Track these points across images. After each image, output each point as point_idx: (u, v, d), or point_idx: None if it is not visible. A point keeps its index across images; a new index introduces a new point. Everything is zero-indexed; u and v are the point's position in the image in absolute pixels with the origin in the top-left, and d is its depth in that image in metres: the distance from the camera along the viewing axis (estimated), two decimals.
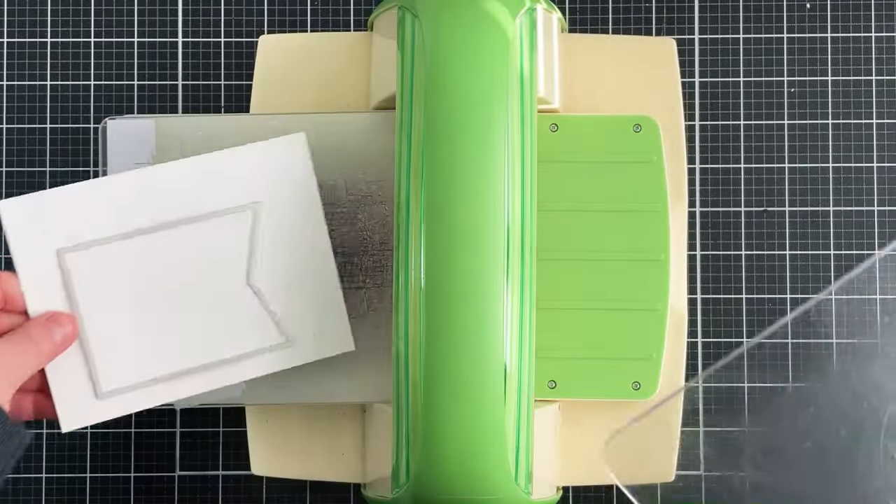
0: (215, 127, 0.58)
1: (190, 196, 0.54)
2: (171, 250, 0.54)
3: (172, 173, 0.54)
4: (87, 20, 0.67)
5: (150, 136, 0.57)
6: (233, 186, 0.55)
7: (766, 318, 0.65)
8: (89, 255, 0.53)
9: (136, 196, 0.54)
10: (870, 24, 0.66)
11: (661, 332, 0.58)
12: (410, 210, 0.53)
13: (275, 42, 0.62)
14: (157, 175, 0.54)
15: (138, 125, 0.57)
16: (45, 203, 0.53)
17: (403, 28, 0.55)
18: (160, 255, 0.54)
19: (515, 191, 0.53)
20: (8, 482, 0.65)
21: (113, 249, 0.54)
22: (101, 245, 0.54)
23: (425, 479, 0.52)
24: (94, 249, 0.54)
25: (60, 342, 0.52)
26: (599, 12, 0.67)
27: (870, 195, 0.65)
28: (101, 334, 0.54)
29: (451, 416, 0.52)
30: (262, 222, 0.55)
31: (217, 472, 0.65)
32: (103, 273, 0.54)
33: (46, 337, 0.52)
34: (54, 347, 0.52)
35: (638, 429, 0.60)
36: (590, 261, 0.59)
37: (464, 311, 0.52)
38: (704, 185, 0.66)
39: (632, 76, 0.61)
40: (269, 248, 0.55)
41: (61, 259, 0.53)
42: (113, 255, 0.54)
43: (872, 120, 0.66)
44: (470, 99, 0.53)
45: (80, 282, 0.53)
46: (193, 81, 0.67)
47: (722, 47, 0.66)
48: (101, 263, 0.54)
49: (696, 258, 0.65)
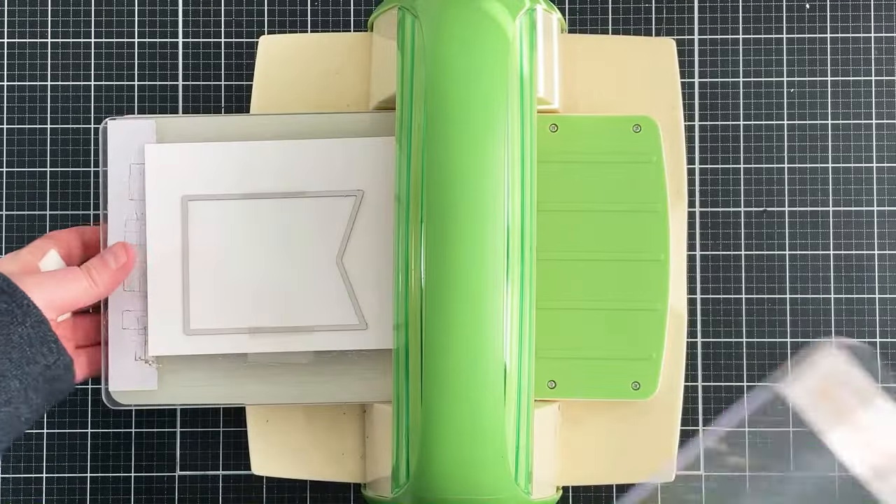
0: (216, 127, 0.59)
1: (305, 173, 0.58)
2: (278, 217, 0.58)
3: (295, 150, 0.59)
4: (87, 20, 0.67)
5: (150, 137, 0.59)
6: (343, 172, 0.59)
7: (765, 317, 0.65)
8: (209, 206, 0.58)
9: (261, 163, 0.58)
10: (869, 24, 0.66)
11: (661, 332, 0.58)
12: (410, 210, 0.53)
13: (275, 42, 0.62)
14: (282, 148, 0.59)
15: (139, 125, 0.59)
16: (183, 153, 0.59)
17: (403, 28, 0.55)
18: (268, 219, 0.58)
19: (515, 191, 0.53)
20: (8, 482, 0.65)
21: (230, 206, 0.58)
22: (220, 200, 0.58)
23: (425, 479, 0.52)
24: (214, 202, 0.58)
25: (116, 271, 0.57)
26: (599, 12, 0.67)
27: (869, 195, 0.65)
28: (201, 279, 0.58)
29: (451, 416, 0.52)
30: (362, 211, 0.58)
31: (217, 472, 0.65)
32: (216, 225, 0.58)
33: (103, 266, 0.56)
34: (112, 276, 0.57)
35: (638, 429, 0.60)
36: (590, 261, 0.59)
37: (464, 310, 0.52)
38: (704, 185, 0.66)
39: (632, 76, 0.61)
40: (363, 236, 0.58)
41: (184, 205, 0.58)
42: (228, 211, 0.58)
43: (872, 120, 0.66)
44: (470, 99, 0.53)
45: (195, 228, 0.58)
46: (193, 81, 0.67)
47: (722, 47, 0.66)
48: (216, 216, 0.58)
49: (695, 258, 0.65)
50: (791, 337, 0.65)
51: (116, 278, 0.57)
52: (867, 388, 0.60)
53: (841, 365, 0.60)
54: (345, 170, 0.58)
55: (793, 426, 0.65)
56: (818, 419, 0.60)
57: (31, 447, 0.65)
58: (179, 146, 0.59)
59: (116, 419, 0.65)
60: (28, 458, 0.65)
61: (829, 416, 0.60)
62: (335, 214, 0.58)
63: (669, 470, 0.60)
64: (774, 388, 0.63)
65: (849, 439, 0.60)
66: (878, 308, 0.65)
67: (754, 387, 0.65)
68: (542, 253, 0.57)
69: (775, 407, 0.63)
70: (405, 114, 0.54)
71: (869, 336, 0.65)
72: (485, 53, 0.53)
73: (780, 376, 0.64)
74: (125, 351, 0.58)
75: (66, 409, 0.65)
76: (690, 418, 0.65)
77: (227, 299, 0.58)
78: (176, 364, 0.59)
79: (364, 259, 0.58)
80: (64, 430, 0.65)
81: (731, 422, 0.64)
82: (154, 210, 0.58)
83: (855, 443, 0.60)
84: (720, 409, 0.65)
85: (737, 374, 0.65)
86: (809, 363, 0.61)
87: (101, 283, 0.56)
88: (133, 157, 0.59)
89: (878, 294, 0.65)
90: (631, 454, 0.60)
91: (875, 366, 0.61)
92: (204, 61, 0.67)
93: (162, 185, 0.58)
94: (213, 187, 0.59)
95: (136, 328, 0.58)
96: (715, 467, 0.64)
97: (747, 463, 0.64)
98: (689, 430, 0.65)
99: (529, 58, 0.55)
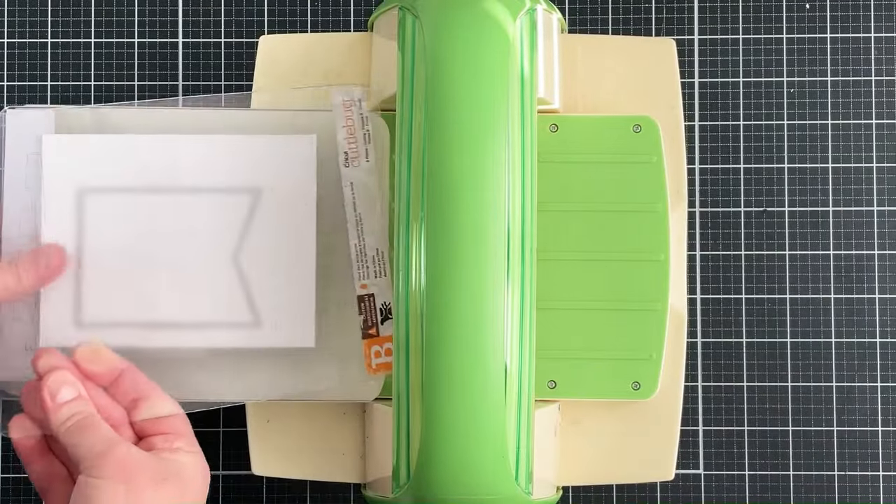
0: (116, 119, 0.60)
1: (203, 168, 0.58)
2: (174, 213, 0.58)
3: (194, 145, 0.59)
4: (87, 20, 0.67)
5: (49, 127, 0.59)
6: (241, 169, 0.58)
7: (765, 317, 0.65)
8: (106, 198, 0.58)
9: (159, 157, 0.58)
10: (869, 24, 0.66)
11: (661, 333, 0.58)
12: (410, 210, 0.53)
13: (275, 42, 0.62)
14: (181, 143, 0.59)
15: (37, 115, 0.59)
16: (81, 145, 0.58)
17: (403, 29, 0.55)
18: (163, 214, 0.58)
19: (515, 191, 0.53)
20: (8, 482, 0.65)
21: (126, 199, 0.58)
22: (117, 193, 0.58)
23: (426, 479, 0.52)
24: (110, 195, 0.58)
25: (45, 272, 0.56)
26: (599, 12, 0.67)
27: (869, 195, 0.65)
28: (96, 271, 0.58)
29: (452, 415, 0.52)
30: (258, 208, 0.58)
31: (217, 472, 0.65)
32: (112, 218, 0.58)
33: (32, 265, 0.56)
34: (38, 275, 0.56)
35: (638, 429, 0.60)
36: (590, 261, 0.59)
37: (464, 311, 0.52)
38: (704, 185, 0.66)
39: (632, 76, 0.61)
40: (259, 234, 0.58)
41: (81, 197, 0.58)
42: (125, 205, 0.58)
43: (872, 120, 0.66)
44: (470, 100, 0.53)
45: (91, 220, 0.58)
46: (193, 82, 0.67)
47: (722, 47, 0.66)
48: (113, 209, 0.58)
49: (695, 258, 0.65)
50: (791, 337, 0.65)
51: (43, 280, 0.56)
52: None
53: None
54: (243, 166, 0.58)
55: (792, 426, 0.65)
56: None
57: None
58: (77, 137, 0.59)
59: None
60: None
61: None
62: (232, 211, 0.58)
63: (669, 469, 0.60)
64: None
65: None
66: (878, 308, 0.65)
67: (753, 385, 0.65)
68: (543, 253, 0.57)
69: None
70: (405, 114, 0.54)
71: (869, 336, 0.65)
72: (485, 54, 0.53)
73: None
74: (16, 341, 0.58)
75: None
76: (690, 418, 0.65)
77: (122, 293, 0.58)
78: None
79: (261, 257, 0.58)
80: None
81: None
82: (50, 201, 0.58)
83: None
84: (720, 409, 0.65)
85: (737, 374, 0.65)
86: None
87: (27, 282, 0.55)
88: (31, 146, 0.59)
89: (878, 294, 0.65)
90: (631, 454, 0.60)
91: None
92: (204, 61, 0.67)
93: (59, 177, 0.58)
94: (111, 180, 0.58)
95: (28, 319, 0.58)
96: (715, 467, 0.65)
97: (747, 463, 0.64)
98: (689, 430, 0.65)
99: (530, 58, 0.55)
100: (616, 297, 0.58)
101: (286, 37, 0.63)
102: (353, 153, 0.59)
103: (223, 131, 0.59)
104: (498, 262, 0.52)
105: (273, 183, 0.58)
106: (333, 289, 0.59)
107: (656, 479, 0.60)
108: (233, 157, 0.58)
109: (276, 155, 0.58)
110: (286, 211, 0.58)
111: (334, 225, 0.59)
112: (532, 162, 0.54)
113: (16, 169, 0.59)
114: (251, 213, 0.58)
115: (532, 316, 0.54)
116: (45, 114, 0.59)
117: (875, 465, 0.64)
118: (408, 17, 0.55)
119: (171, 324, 0.58)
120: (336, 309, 0.59)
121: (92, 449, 0.50)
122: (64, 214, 0.58)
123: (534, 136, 0.55)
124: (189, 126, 0.60)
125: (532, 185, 0.54)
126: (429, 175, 0.52)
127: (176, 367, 0.59)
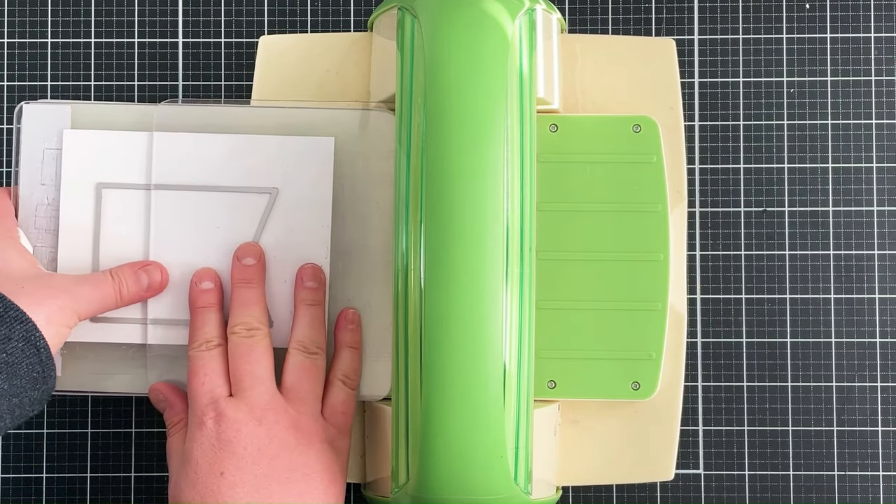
0: (132, 116, 0.60)
1: (220, 167, 0.59)
2: (190, 210, 0.59)
3: (210, 143, 0.59)
4: (87, 20, 0.67)
5: (66, 122, 0.59)
6: (259, 169, 0.59)
7: (765, 317, 0.65)
8: (122, 194, 0.59)
9: (176, 154, 0.59)
10: (869, 24, 0.66)
11: (661, 332, 0.58)
12: (410, 210, 0.53)
13: (275, 42, 0.62)
14: (196, 141, 0.59)
15: (55, 110, 0.59)
16: (100, 141, 0.59)
17: (403, 29, 0.55)
18: (180, 211, 0.59)
19: (515, 191, 0.53)
20: (8, 482, 0.65)
21: (142, 196, 0.59)
22: (133, 189, 0.59)
23: (425, 479, 0.52)
24: (127, 191, 0.59)
25: (146, 288, 0.57)
26: (599, 12, 0.67)
27: (869, 195, 0.65)
28: (110, 267, 0.58)
29: (451, 416, 0.52)
30: (275, 208, 0.59)
31: None
32: (128, 214, 0.59)
33: (134, 281, 0.57)
34: (138, 292, 0.57)
35: (638, 429, 0.60)
36: (590, 261, 0.59)
37: (463, 311, 0.52)
38: (704, 185, 0.66)
39: (632, 76, 0.61)
40: (275, 233, 0.59)
41: (98, 192, 0.59)
42: (140, 201, 0.59)
43: (872, 120, 0.66)
44: (469, 99, 0.53)
45: (108, 216, 0.59)
46: (193, 82, 0.67)
47: (721, 47, 0.66)
48: (128, 205, 0.59)
49: (695, 258, 0.65)
50: (791, 337, 0.65)
51: (141, 299, 0.58)
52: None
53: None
54: (260, 166, 0.59)
55: (792, 426, 0.65)
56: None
57: (31, 447, 0.65)
58: (97, 133, 0.59)
59: (116, 419, 0.65)
60: (28, 457, 0.65)
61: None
62: (248, 211, 0.59)
63: (669, 469, 0.60)
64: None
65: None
66: (878, 308, 0.65)
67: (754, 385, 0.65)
68: (542, 253, 0.58)
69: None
70: (405, 114, 0.54)
71: (869, 336, 0.65)
72: (484, 54, 0.53)
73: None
74: None
75: (66, 409, 0.65)
76: (690, 418, 0.65)
77: None
78: (84, 351, 0.59)
79: (272, 256, 0.59)
80: (64, 430, 0.65)
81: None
82: (69, 195, 0.59)
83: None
84: (720, 409, 0.65)
85: (737, 374, 0.65)
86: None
87: (126, 299, 0.57)
88: (47, 141, 0.59)
89: (878, 294, 0.65)
90: (631, 454, 0.60)
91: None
92: (204, 61, 0.67)
93: (78, 171, 0.59)
94: (128, 176, 0.59)
95: None
96: (715, 467, 0.65)
97: (747, 463, 0.64)
98: (688, 430, 0.65)
99: (529, 58, 0.55)
100: (616, 296, 0.58)
101: (286, 37, 0.63)
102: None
103: (242, 131, 0.59)
104: (497, 262, 0.52)
105: (290, 183, 0.59)
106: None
107: (656, 479, 0.60)
108: (251, 157, 0.59)
109: (294, 155, 0.59)
110: (302, 211, 0.59)
111: (350, 225, 0.59)
112: (531, 162, 0.54)
113: (32, 163, 0.59)
114: (268, 213, 0.59)
115: (531, 316, 0.54)
116: (62, 108, 0.59)
117: (875, 465, 0.64)
118: (407, 17, 0.55)
119: (185, 321, 0.58)
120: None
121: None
122: (82, 209, 0.59)
123: (533, 136, 0.55)
124: (209, 125, 0.60)
125: (531, 185, 0.54)
126: (428, 175, 0.52)
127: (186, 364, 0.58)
